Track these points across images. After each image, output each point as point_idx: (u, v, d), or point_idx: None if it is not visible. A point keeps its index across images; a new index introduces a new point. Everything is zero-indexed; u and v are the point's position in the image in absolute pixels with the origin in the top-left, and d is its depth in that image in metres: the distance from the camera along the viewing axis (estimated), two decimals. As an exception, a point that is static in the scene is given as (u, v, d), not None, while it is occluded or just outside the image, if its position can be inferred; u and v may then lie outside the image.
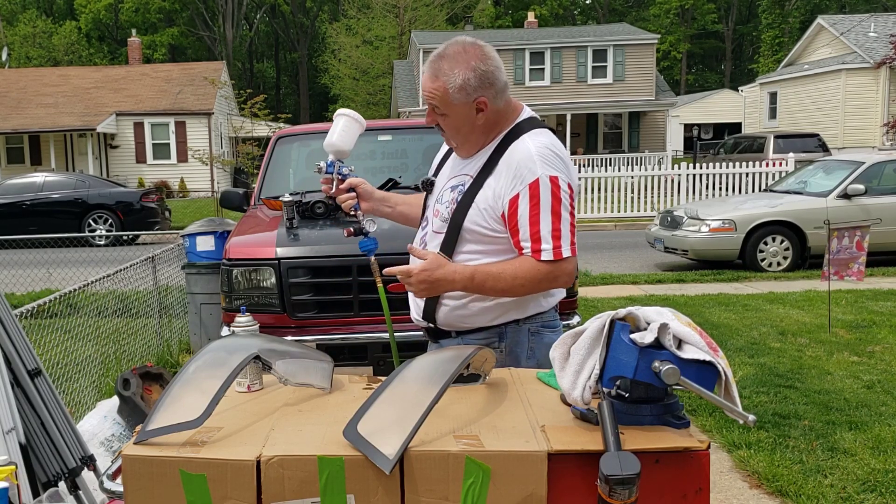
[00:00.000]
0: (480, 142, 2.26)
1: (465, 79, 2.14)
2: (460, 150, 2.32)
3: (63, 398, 3.88)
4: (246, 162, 18.43)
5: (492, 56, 2.19)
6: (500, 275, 2.15)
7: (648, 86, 27.80)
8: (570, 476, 1.51)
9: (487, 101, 2.17)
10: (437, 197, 2.34)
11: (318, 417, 1.72)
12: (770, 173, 16.18)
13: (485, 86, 2.16)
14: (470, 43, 2.19)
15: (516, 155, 2.18)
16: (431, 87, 2.18)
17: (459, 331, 2.31)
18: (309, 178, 5.46)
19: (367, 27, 37.20)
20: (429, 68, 2.20)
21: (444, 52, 2.18)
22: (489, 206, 2.18)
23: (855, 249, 6.50)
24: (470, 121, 2.21)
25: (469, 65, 2.14)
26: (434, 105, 2.20)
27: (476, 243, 2.22)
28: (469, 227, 2.21)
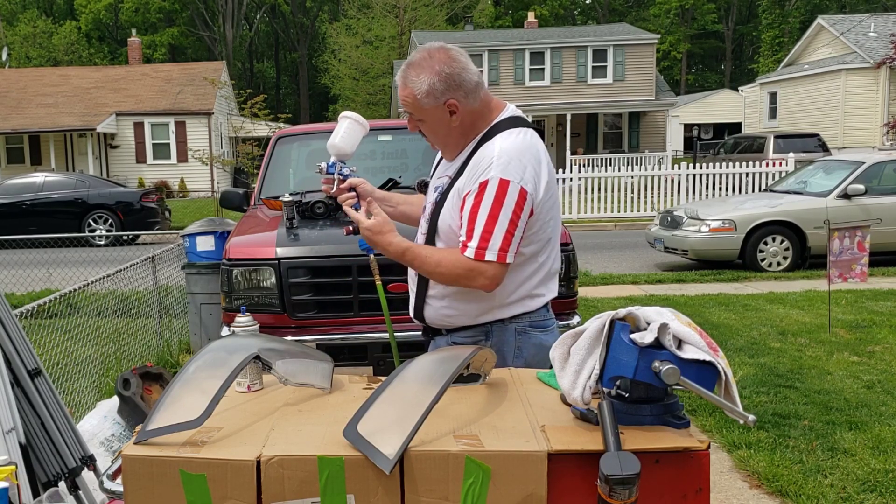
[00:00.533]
0: (461, 143, 2.31)
1: (430, 84, 2.17)
2: (445, 153, 2.39)
3: (63, 398, 3.88)
4: (246, 162, 18.43)
5: (457, 58, 2.21)
6: (427, 258, 2.22)
7: (648, 86, 27.80)
8: (570, 476, 1.51)
9: (457, 103, 2.20)
10: (429, 199, 2.41)
11: (318, 417, 1.72)
12: (770, 173, 16.18)
13: (452, 88, 2.18)
14: (436, 48, 2.22)
15: (486, 152, 2.21)
16: (403, 95, 2.25)
17: (448, 329, 2.36)
18: (309, 178, 5.46)
19: (367, 27, 37.21)
20: (399, 77, 2.27)
21: (411, 60, 2.24)
22: (454, 204, 2.24)
23: (857, 250, 6.49)
24: (445, 123, 2.24)
25: (433, 69, 2.17)
26: (409, 112, 2.27)
27: (448, 243, 2.27)
28: (442, 227, 2.27)
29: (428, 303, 2.34)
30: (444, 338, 2.37)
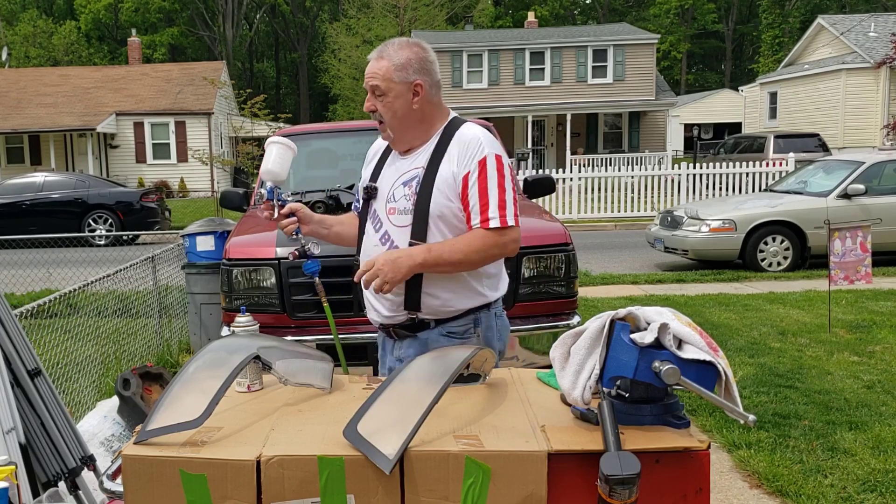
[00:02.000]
0: (416, 135, 2.42)
1: (407, 59, 2.34)
2: (397, 142, 2.44)
3: (63, 398, 3.88)
4: (246, 162, 18.43)
5: (431, 53, 2.41)
6: (455, 245, 2.31)
7: (648, 86, 27.80)
8: (570, 476, 1.51)
9: (423, 86, 2.35)
10: (388, 197, 2.43)
11: (318, 417, 1.72)
12: (770, 173, 16.18)
13: (423, 71, 2.36)
14: (415, 40, 2.43)
15: (464, 138, 2.37)
16: (375, 67, 2.36)
17: (439, 319, 2.41)
18: (309, 178, 5.46)
19: (367, 27, 37.19)
20: (375, 53, 2.40)
21: (387, 42, 2.42)
22: (449, 185, 2.33)
23: (860, 251, 6.48)
24: (407, 104, 2.36)
25: (412, 50, 2.36)
26: (375, 85, 2.36)
27: (452, 228, 2.35)
28: (435, 211, 2.33)
29: (429, 293, 2.36)
30: (433, 331, 2.41)
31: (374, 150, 2.64)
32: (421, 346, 2.42)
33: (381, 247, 2.39)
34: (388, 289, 2.27)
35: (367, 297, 2.50)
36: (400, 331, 2.46)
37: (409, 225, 2.35)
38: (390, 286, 2.26)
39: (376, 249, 2.40)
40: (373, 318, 2.52)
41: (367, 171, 2.58)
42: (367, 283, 2.27)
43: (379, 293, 2.32)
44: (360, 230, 2.53)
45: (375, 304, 2.47)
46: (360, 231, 2.54)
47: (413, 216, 2.35)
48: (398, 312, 2.42)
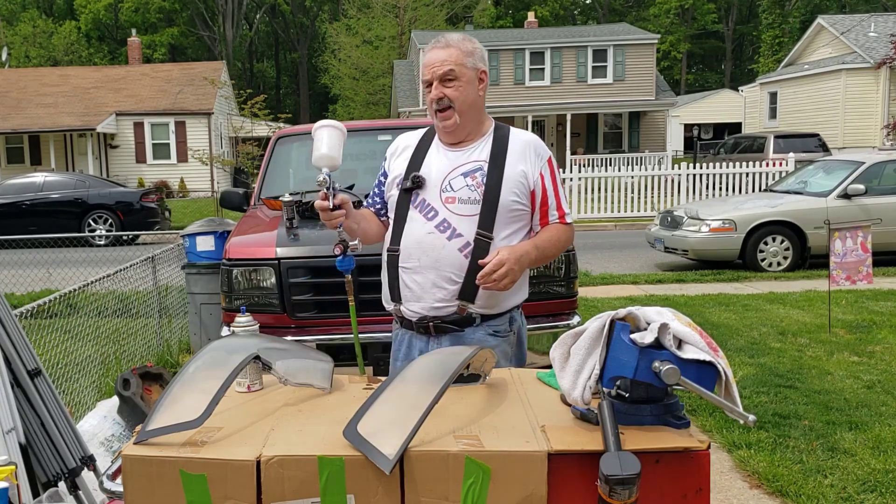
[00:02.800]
0: (473, 126, 2.49)
1: (473, 48, 2.46)
2: (461, 130, 2.46)
3: (63, 398, 3.88)
4: (246, 162, 18.42)
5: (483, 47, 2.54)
6: (549, 240, 2.46)
7: (648, 86, 27.79)
8: (570, 476, 1.51)
9: (487, 75, 2.50)
10: (443, 186, 2.43)
11: (318, 417, 1.72)
12: (770, 173, 16.17)
13: (484, 62, 2.50)
14: (463, 34, 2.55)
15: (525, 138, 2.52)
16: (445, 55, 2.41)
17: (485, 315, 2.45)
18: (309, 179, 5.45)
19: (367, 27, 37.17)
20: (437, 44, 2.45)
21: (444, 35, 2.50)
22: (520, 181, 2.43)
23: (861, 251, 6.48)
24: (475, 89, 2.45)
25: (473, 41, 2.49)
26: (447, 70, 2.40)
27: (514, 222, 2.44)
28: (504, 204, 2.40)
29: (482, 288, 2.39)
30: (479, 327, 2.44)
31: (402, 144, 2.61)
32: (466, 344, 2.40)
33: (440, 234, 2.38)
34: (509, 285, 2.32)
35: (412, 287, 2.43)
36: (443, 325, 2.43)
37: (476, 215, 2.38)
38: (511, 283, 2.32)
39: (431, 237, 2.39)
40: (412, 310, 2.45)
41: (399, 162, 2.55)
42: (499, 278, 2.27)
43: (494, 289, 2.33)
44: (399, 218, 2.48)
45: (424, 294, 2.42)
46: (397, 219, 2.49)
47: (482, 206, 2.39)
48: (449, 303, 2.41)
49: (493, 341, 2.44)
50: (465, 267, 2.38)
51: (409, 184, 2.45)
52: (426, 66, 2.43)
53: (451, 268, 2.39)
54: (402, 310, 2.49)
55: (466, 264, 2.38)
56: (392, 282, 2.50)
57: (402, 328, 2.56)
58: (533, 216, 2.48)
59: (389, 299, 2.54)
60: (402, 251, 2.44)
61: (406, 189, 2.47)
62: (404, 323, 2.53)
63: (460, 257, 2.38)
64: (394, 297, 2.51)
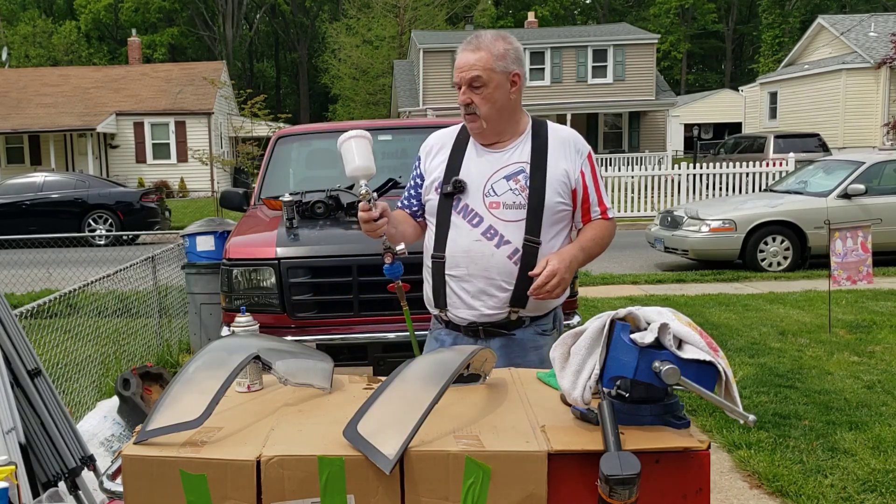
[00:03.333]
0: (508, 127, 2.41)
1: (505, 49, 2.35)
2: (488, 134, 2.40)
3: (63, 398, 3.88)
4: (246, 162, 18.42)
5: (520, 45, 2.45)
6: (594, 239, 2.44)
7: (648, 86, 27.79)
8: (570, 476, 1.51)
9: (521, 76, 2.39)
10: (486, 191, 2.38)
11: (318, 417, 1.72)
12: (770, 173, 16.17)
13: (518, 62, 2.39)
14: (505, 32, 2.44)
15: (563, 134, 2.46)
16: (474, 59, 2.33)
17: (533, 316, 2.45)
18: (309, 178, 5.46)
19: (367, 27, 37.17)
20: (467, 46, 2.36)
21: (477, 34, 2.38)
22: (562, 181, 2.40)
23: (861, 251, 6.48)
24: (505, 93, 2.37)
25: (507, 40, 2.38)
26: (475, 76, 2.32)
27: (558, 222, 2.42)
28: (550, 207, 2.38)
29: None
30: (528, 328, 2.44)
31: (436, 143, 2.54)
32: (515, 345, 2.42)
33: (487, 242, 2.35)
34: (561, 294, 2.32)
35: (460, 294, 2.40)
36: (493, 329, 2.42)
37: (523, 220, 2.35)
38: (563, 291, 2.31)
39: (479, 244, 2.36)
40: (461, 316, 2.43)
41: (436, 163, 2.49)
42: (552, 289, 2.26)
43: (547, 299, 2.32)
44: (442, 224, 2.43)
45: (474, 302, 2.40)
46: (439, 225, 2.44)
47: (528, 211, 2.35)
48: (502, 310, 2.40)
49: (541, 340, 2.46)
50: (515, 274, 2.36)
51: (450, 188, 2.40)
52: (456, 69, 2.37)
53: (501, 276, 2.37)
54: (448, 315, 2.46)
55: (516, 271, 2.36)
56: (438, 288, 2.46)
57: (446, 328, 2.51)
58: (574, 214, 2.46)
59: (434, 305, 2.50)
60: (448, 259, 2.40)
61: (447, 194, 2.41)
62: (450, 325, 2.49)
63: (510, 264, 2.36)
64: (439, 304, 2.47)
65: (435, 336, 2.57)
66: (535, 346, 2.46)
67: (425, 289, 2.55)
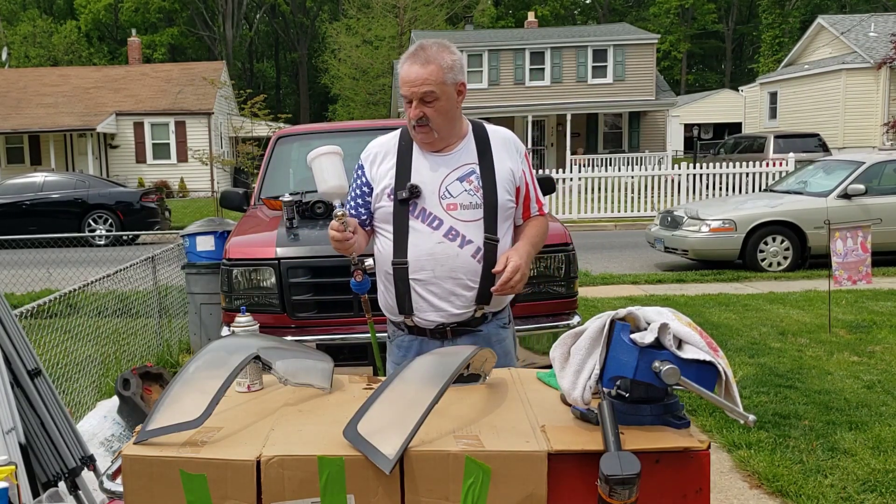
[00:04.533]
0: (454, 133, 2.46)
1: (453, 60, 2.37)
2: (439, 142, 2.44)
3: (63, 398, 3.88)
4: (246, 162, 18.42)
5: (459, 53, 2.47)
6: (537, 234, 2.52)
7: (648, 86, 27.79)
8: (570, 476, 1.51)
9: (465, 85, 2.44)
10: (441, 193, 2.41)
11: (318, 417, 1.72)
12: (770, 173, 16.17)
13: (462, 71, 2.42)
14: (444, 42, 2.43)
15: (503, 134, 2.54)
16: (425, 73, 2.33)
17: (494, 312, 2.53)
18: (309, 178, 5.45)
19: (367, 27, 37.16)
20: (415, 59, 2.35)
21: (422, 46, 2.38)
22: (509, 179, 2.46)
23: (861, 251, 6.48)
24: (454, 104, 2.40)
25: (451, 50, 2.40)
26: (427, 91, 2.33)
27: (507, 220, 2.48)
28: (501, 204, 2.44)
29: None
30: (491, 323, 2.51)
31: (379, 150, 2.53)
32: (482, 341, 2.46)
33: (450, 243, 2.37)
34: (522, 288, 2.37)
35: (427, 297, 2.41)
36: (460, 328, 2.46)
37: (481, 219, 2.40)
38: (523, 286, 2.37)
39: (442, 246, 2.37)
40: (429, 319, 2.44)
41: (383, 170, 2.47)
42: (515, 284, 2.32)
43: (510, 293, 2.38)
44: (400, 230, 2.42)
45: (442, 303, 2.41)
46: (397, 231, 2.42)
47: (484, 209, 2.41)
48: (469, 308, 2.44)
49: (503, 333, 2.55)
50: (480, 272, 2.41)
51: (405, 194, 2.40)
52: (406, 83, 2.34)
53: (468, 275, 2.40)
54: (414, 319, 2.47)
55: (480, 269, 2.41)
56: (402, 294, 2.45)
57: (409, 335, 2.52)
58: (516, 211, 2.52)
59: (397, 312, 2.49)
60: (411, 263, 2.40)
61: (402, 200, 2.41)
62: (414, 330, 2.50)
63: (474, 263, 2.40)
64: (404, 310, 2.46)
65: (398, 344, 2.56)
66: (499, 339, 2.54)
67: (383, 297, 2.53)
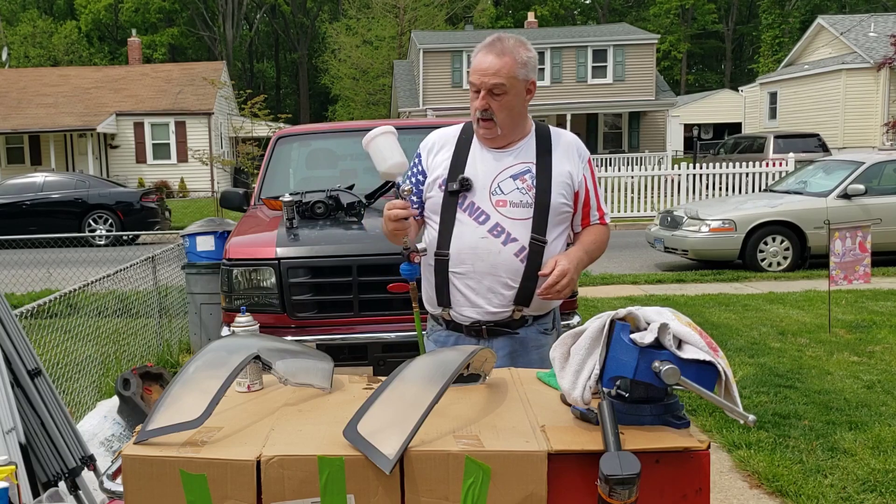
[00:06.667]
0: (517, 131, 2.42)
1: (528, 57, 2.35)
2: (501, 138, 2.40)
3: (63, 398, 3.88)
4: (246, 162, 18.43)
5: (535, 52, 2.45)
6: (594, 243, 2.48)
7: (648, 86, 27.78)
8: (570, 476, 1.51)
9: (535, 84, 2.41)
10: (492, 189, 2.39)
11: (318, 417, 1.72)
12: (770, 173, 16.17)
13: (535, 70, 2.40)
14: (518, 36, 2.41)
15: (568, 138, 2.50)
16: (499, 64, 2.30)
17: (536, 315, 2.48)
18: (309, 178, 5.46)
19: (367, 27, 37.18)
20: (491, 48, 2.33)
21: (500, 37, 2.36)
22: (567, 183, 2.43)
23: (859, 251, 6.48)
24: (522, 100, 2.38)
25: (527, 47, 2.38)
26: (497, 83, 2.30)
27: (561, 223, 2.44)
28: (555, 206, 2.40)
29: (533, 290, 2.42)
30: (531, 327, 2.46)
31: (438, 140, 2.51)
32: (518, 344, 2.43)
33: (494, 239, 2.36)
34: (569, 294, 2.33)
35: (465, 292, 2.39)
36: (496, 328, 2.43)
37: (530, 218, 2.37)
38: (570, 291, 2.33)
39: (485, 241, 2.36)
40: (465, 315, 2.42)
41: (439, 160, 2.46)
42: (562, 289, 2.27)
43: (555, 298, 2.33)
44: (447, 221, 2.41)
45: (479, 299, 2.39)
46: (444, 222, 2.41)
47: (534, 209, 2.37)
48: (506, 308, 2.40)
49: (543, 339, 2.48)
50: (521, 272, 2.37)
51: (456, 186, 2.38)
52: (477, 70, 2.32)
53: (508, 273, 2.37)
54: (451, 314, 2.45)
55: (522, 269, 2.37)
56: (441, 286, 2.43)
57: (447, 330, 2.50)
58: (574, 217, 2.48)
59: (436, 304, 2.47)
60: (452, 256, 2.38)
61: (452, 191, 2.39)
62: (451, 325, 2.48)
63: (516, 262, 2.37)
64: (442, 302, 2.44)
65: (434, 339, 2.55)
66: (538, 344, 2.47)
67: (426, 287, 2.54)
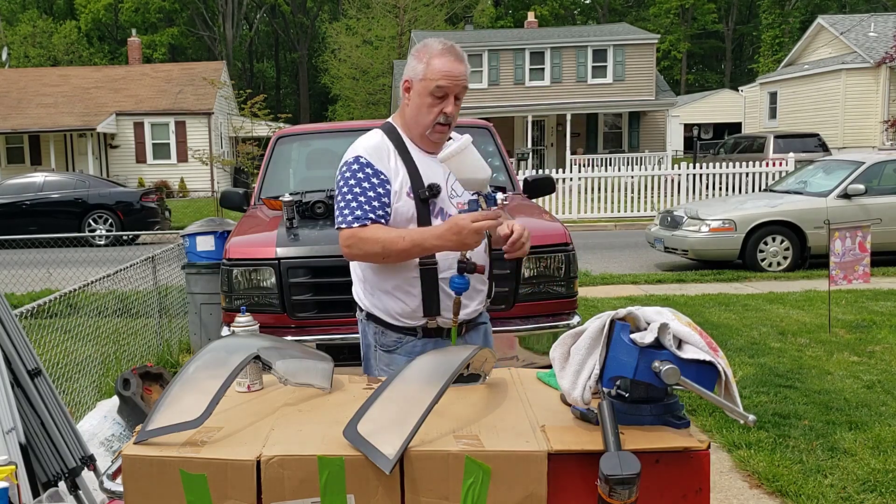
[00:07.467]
0: None
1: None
2: (440, 144, 2.41)
3: (63, 398, 3.88)
4: (246, 162, 18.43)
5: None
6: None
7: (648, 86, 27.79)
8: (570, 476, 1.51)
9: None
10: (450, 193, 2.40)
11: (318, 417, 1.72)
12: (770, 173, 16.18)
13: None
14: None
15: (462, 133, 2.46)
16: (462, 69, 2.33)
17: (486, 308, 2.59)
18: (309, 178, 5.46)
19: (367, 27, 37.18)
20: (454, 55, 2.31)
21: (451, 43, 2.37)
22: None
23: (858, 251, 6.49)
24: None
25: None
26: (463, 87, 2.34)
27: None
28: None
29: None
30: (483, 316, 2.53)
31: (380, 146, 2.39)
32: (483, 336, 2.52)
33: None
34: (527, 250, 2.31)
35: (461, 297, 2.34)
36: (473, 323, 2.50)
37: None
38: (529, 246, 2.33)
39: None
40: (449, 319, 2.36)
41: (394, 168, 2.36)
42: (526, 240, 2.24)
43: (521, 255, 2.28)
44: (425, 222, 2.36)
45: (468, 301, 2.39)
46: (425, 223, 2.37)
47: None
48: (482, 304, 2.49)
49: (491, 325, 2.62)
50: (488, 265, 2.45)
51: (426, 193, 2.33)
52: (448, 76, 2.27)
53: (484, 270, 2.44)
54: (437, 321, 2.38)
55: (488, 263, 2.45)
56: (429, 295, 2.35)
57: (423, 338, 2.40)
58: None
59: (422, 314, 2.36)
60: (440, 263, 2.34)
61: (424, 199, 2.34)
62: (431, 333, 2.40)
63: (486, 258, 2.43)
64: (432, 311, 2.36)
65: (407, 351, 2.39)
66: (489, 329, 2.62)
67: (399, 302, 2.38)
